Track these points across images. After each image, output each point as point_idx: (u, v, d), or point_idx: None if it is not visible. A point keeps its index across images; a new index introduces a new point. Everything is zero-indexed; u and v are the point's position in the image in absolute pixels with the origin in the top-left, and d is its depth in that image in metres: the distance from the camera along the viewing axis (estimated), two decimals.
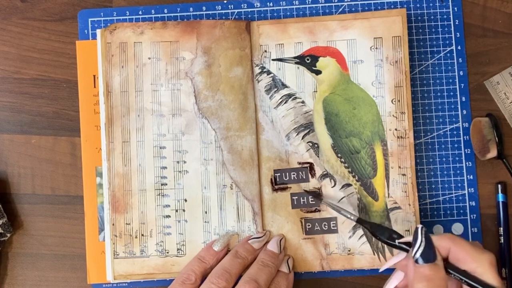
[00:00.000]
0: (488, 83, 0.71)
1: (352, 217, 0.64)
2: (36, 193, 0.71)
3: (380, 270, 0.64)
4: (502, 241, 0.69)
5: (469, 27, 0.71)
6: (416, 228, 0.57)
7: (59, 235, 0.70)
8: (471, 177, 0.69)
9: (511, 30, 0.71)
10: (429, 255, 0.56)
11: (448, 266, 0.57)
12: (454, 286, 0.60)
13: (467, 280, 0.56)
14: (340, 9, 0.70)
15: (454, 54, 0.70)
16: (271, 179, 0.68)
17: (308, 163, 0.68)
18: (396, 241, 0.60)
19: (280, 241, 0.66)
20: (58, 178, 0.71)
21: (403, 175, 0.68)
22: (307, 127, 0.68)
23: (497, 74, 0.71)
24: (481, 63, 0.71)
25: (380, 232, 0.61)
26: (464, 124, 0.70)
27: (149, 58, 0.69)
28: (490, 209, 0.70)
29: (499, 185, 0.69)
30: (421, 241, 0.56)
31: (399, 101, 0.68)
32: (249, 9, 0.71)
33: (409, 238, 0.59)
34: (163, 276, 0.68)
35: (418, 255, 0.56)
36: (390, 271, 0.69)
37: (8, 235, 0.69)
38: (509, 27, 0.71)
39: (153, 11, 0.71)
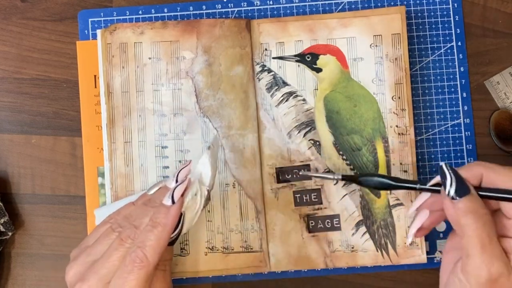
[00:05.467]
0: (488, 83, 0.71)
1: (335, 177, 0.62)
2: (36, 193, 0.70)
3: (409, 212, 0.64)
4: None
5: (469, 27, 0.71)
6: (441, 166, 0.56)
7: (59, 235, 0.70)
8: None
9: (511, 30, 0.72)
10: (463, 189, 0.55)
11: (480, 192, 0.56)
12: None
13: (504, 196, 0.55)
14: (340, 7, 0.71)
15: (455, 50, 0.70)
16: (274, 177, 0.68)
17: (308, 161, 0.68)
18: (418, 185, 0.60)
19: (179, 173, 0.59)
20: (58, 178, 0.70)
21: (405, 171, 0.68)
22: (309, 125, 0.68)
23: (497, 74, 0.71)
24: (481, 63, 0.71)
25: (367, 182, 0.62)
26: (465, 120, 0.70)
27: (150, 58, 0.69)
28: None
29: None
30: (451, 178, 0.55)
31: (399, 98, 0.68)
32: (249, 8, 0.71)
33: (436, 180, 0.59)
34: None
35: (452, 192, 0.55)
36: (389, 268, 0.69)
37: (10, 233, 0.68)
38: (509, 27, 0.72)
39: (153, 10, 0.71)
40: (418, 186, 0.60)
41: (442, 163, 0.56)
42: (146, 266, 0.54)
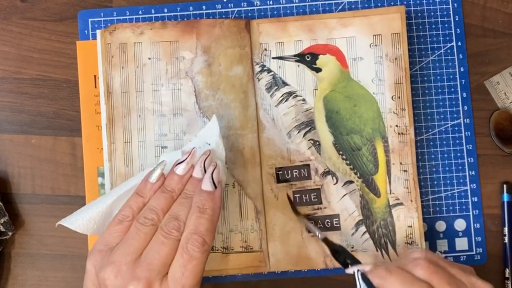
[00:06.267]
0: (488, 83, 0.71)
1: (319, 235, 0.64)
2: (36, 193, 0.70)
3: None
4: (506, 241, 0.69)
5: (469, 27, 0.71)
6: (353, 274, 0.57)
7: (59, 235, 0.70)
8: (473, 173, 0.69)
9: (511, 30, 0.72)
10: None
11: None
12: None
13: None
14: (340, 7, 0.71)
15: (455, 50, 0.70)
16: (273, 177, 0.68)
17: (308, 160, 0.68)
18: (346, 270, 0.60)
19: (205, 162, 0.60)
20: (58, 178, 0.70)
21: (405, 171, 0.67)
22: (308, 125, 0.68)
23: (497, 74, 0.71)
24: (481, 63, 0.71)
25: (336, 256, 0.62)
26: (465, 120, 0.70)
27: (149, 58, 0.69)
28: (491, 209, 0.70)
29: (505, 185, 0.69)
30: (360, 285, 0.56)
31: (399, 97, 0.68)
32: (249, 8, 0.71)
33: (353, 268, 0.59)
34: None
35: None
36: None
37: (10, 233, 0.68)
38: (509, 27, 0.72)
39: (153, 10, 0.71)
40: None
41: (355, 270, 0.57)
42: (207, 250, 0.56)
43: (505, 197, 0.69)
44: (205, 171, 0.60)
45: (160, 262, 0.54)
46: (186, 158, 0.60)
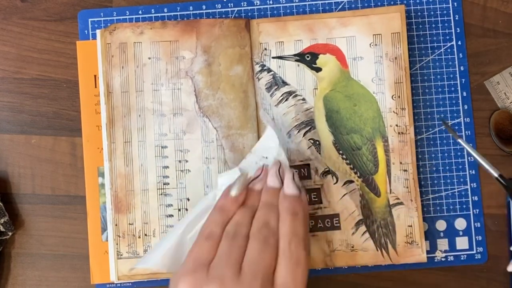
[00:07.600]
0: (488, 83, 0.71)
1: (493, 171, 0.62)
2: (36, 193, 0.70)
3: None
4: None
5: (469, 27, 0.71)
6: None
7: (59, 235, 0.70)
8: (473, 172, 0.69)
9: (511, 30, 0.72)
10: None
11: None
12: None
13: None
14: (340, 6, 0.71)
15: (455, 50, 0.70)
16: None
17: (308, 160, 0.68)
18: None
19: (279, 170, 0.61)
20: (58, 178, 0.70)
21: (405, 170, 0.67)
22: (308, 124, 0.68)
23: (497, 74, 0.71)
24: (481, 63, 0.71)
25: None
26: (465, 119, 0.70)
27: (149, 58, 0.69)
28: (491, 208, 0.70)
29: None
30: None
31: (399, 97, 0.68)
32: (249, 7, 0.71)
33: None
34: (167, 276, 0.67)
35: None
36: (389, 267, 0.69)
37: (10, 233, 0.68)
38: (509, 27, 0.72)
39: (153, 10, 0.71)
40: None
41: None
42: (308, 254, 0.56)
43: None
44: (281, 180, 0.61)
45: (265, 270, 0.54)
46: (260, 174, 0.61)
